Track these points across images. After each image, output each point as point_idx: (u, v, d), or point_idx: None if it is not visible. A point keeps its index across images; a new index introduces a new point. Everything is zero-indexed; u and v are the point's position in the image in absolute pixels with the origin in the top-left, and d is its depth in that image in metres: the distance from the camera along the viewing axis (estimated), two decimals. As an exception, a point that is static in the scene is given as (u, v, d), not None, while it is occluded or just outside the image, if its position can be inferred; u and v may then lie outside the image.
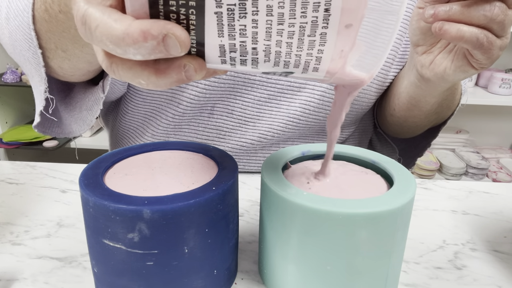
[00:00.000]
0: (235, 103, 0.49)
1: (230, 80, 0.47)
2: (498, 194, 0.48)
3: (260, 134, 0.51)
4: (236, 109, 0.50)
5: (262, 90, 0.49)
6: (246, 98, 0.49)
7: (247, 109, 0.49)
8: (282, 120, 0.50)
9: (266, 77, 0.48)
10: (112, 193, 0.26)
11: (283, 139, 0.52)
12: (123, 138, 0.57)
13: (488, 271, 0.34)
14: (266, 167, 0.30)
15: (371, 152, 0.34)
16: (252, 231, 0.39)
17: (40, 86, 0.40)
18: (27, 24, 0.35)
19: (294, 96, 0.49)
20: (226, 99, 0.49)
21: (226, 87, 0.48)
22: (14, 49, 0.39)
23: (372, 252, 0.26)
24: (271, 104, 0.49)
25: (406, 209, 0.26)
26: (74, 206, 0.43)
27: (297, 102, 0.49)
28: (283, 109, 0.50)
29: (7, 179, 0.49)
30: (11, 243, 0.36)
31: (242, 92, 0.49)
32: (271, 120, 0.50)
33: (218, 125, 0.51)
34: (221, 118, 0.50)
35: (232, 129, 0.51)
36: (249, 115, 0.50)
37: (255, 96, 0.49)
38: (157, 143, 0.35)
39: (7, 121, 1.79)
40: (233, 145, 0.51)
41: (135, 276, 0.26)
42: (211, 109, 0.49)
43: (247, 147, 0.52)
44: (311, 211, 0.25)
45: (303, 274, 0.27)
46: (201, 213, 0.26)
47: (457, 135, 1.85)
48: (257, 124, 0.50)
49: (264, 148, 0.53)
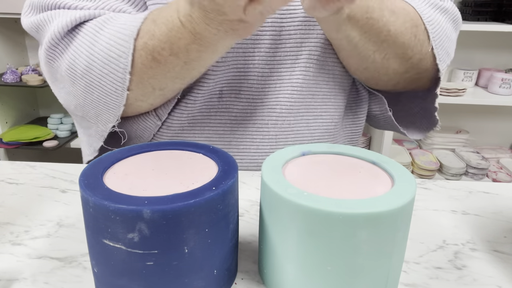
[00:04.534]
0: (241, 83, 0.52)
1: (232, 60, 0.50)
2: (498, 194, 0.48)
3: (269, 109, 0.53)
4: (243, 88, 0.52)
5: (263, 65, 0.51)
6: (250, 75, 0.51)
7: (252, 86, 0.52)
8: (287, 90, 0.53)
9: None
10: (112, 193, 0.26)
11: (293, 114, 0.54)
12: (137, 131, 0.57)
13: (488, 271, 0.34)
14: (266, 167, 0.30)
15: (371, 152, 0.34)
16: (252, 231, 0.39)
17: (106, 124, 0.48)
18: (123, 70, 0.42)
19: (294, 65, 0.52)
20: (232, 80, 0.51)
21: (230, 66, 0.50)
22: (86, 98, 0.46)
23: (372, 253, 0.26)
24: (273, 77, 0.52)
25: (406, 209, 0.26)
26: (74, 206, 0.43)
27: (297, 70, 0.52)
28: (286, 79, 0.53)
29: (7, 179, 0.49)
30: (11, 243, 0.37)
31: (245, 70, 0.51)
32: (276, 92, 0.53)
33: (228, 108, 0.53)
34: (230, 100, 0.52)
35: (242, 109, 0.53)
36: (256, 92, 0.52)
37: (257, 72, 0.51)
38: (157, 143, 0.35)
39: (7, 121, 1.79)
40: (246, 126, 0.53)
41: (135, 276, 0.26)
42: (219, 92, 0.51)
43: (262, 130, 0.54)
44: (311, 211, 0.25)
45: (303, 274, 0.27)
46: (201, 213, 0.26)
47: (457, 135, 1.85)
48: (264, 99, 0.53)
49: (279, 131, 0.54)
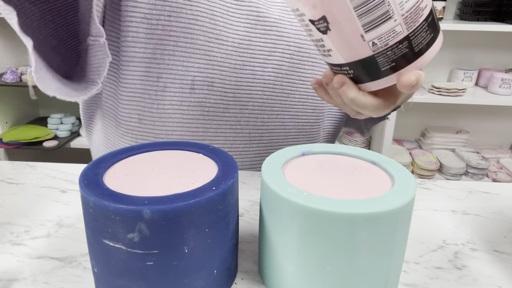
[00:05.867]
0: (214, 74, 0.50)
1: (204, 44, 0.48)
2: (498, 194, 0.48)
3: (241, 105, 0.52)
4: (215, 80, 0.50)
5: (236, 56, 0.50)
6: (223, 66, 0.50)
7: (225, 78, 0.51)
8: (259, 86, 0.52)
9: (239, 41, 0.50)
10: (112, 193, 0.26)
11: (267, 113, 0.54)
12: (109, 132, 0.56)
13: (488, 271, 0.34)
14: (266, 167, 0.30)
15: (371, 152, 0.34)
16: (252, 231, 0.39)
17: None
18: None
19: (266, 61, 0.52)
20: (204, 69, 0.49)
21: (202, 51, 0.48)
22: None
23: (372, 253, 0.26)
24: (246, 70, 0.51)
25: (406, 209, 0.26)
26: (74, 206, 0.43)
27: (269, 67, 0.52)
28: (258, 74, 0.52)
29: (7, 179, 0.49)
30: (11, 243, 0.37)
31: (218, 59, 0.50)
32: (249, 88, 0.52)
33: (201, 102, 0.51)
34: (202, 93, 0.50)
35: (215, 103, 0.51)
36: (228, 85, 0.51)
37: (230, 63, 0.50)
38: (157, 143, 0.35)
39: (7, 121, 1.79)
40: (219, 123, 0.52)
41: (135, 276, 0.26)
42: (191, 83, 0.50)
43: (235, 127, 0.53)
44: (311, 211, 0.25)
45: (303, 274, 0.27)
46: (201, 213, 0.26)
47: (457, 135, 1.85)
48: (237, 94, 0.52)
49: (253, 129, 0.54)
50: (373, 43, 0.29)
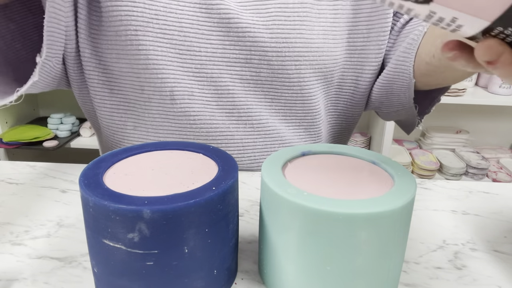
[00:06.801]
0: (192, 84, 0.50)
1: (175, 57, 0.49)
2: (498, 194, 0.48)
3: (227, 112, 0.52)
4: (195, 90, 0.50)
5: (211, 66, 0.50)
6: (200, 76, 0.50)
7: (204, 87, 0.51)
8: (241, 93, 0.52)
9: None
10: (112, 193, 0.26)
11: (255, 118, 0.53)
12: (108, 136, 0.57)
13: (488, 271, 0.34)
14: (266, 167, 0.30)
15: (371, 152, 0.34)
16: (252, 231, 0.39)
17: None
18: None
19: (244, 68, 0.51)
20: (181, 80, 0.50)
21: (174, 63, 0.49)
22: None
23: (372, 253, 0.26)
24: (224, 79, 0.51)
25: (406, 209, 0.26)
26: (74, 206, 0.43)
27: (247, 74, 0.51)
28: (237, 82, 0.51)
29: (7, 179, 0.49)
30: (11, 243, 0.37)
31: (194, 70, 0.50)
32: (231, 95, 0.51)
33: (185, 111, 0.51)
34: (184, 103, 0.51)
35: (199, 112, 0.52)
36: (209, 94, 0.51)
37: (206, 73, 0.50)
38: (157, 143, 0.35)
39: (7, 121, 1.79)
40: (209, 130, 0.52)
41: (135, 276, 0.26)
42: (170, 94, 0.50)
43: (225, 134, 0.53)
44: (311, 211, 0.25)
45: (303, 274, 0.27)
46: (201, 213, 0.26)
47: (457, 135, 1.85)
48: (220, 102, 0.52)
49: (244, 135, 0.53)
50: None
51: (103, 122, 0.55)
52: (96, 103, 0.53)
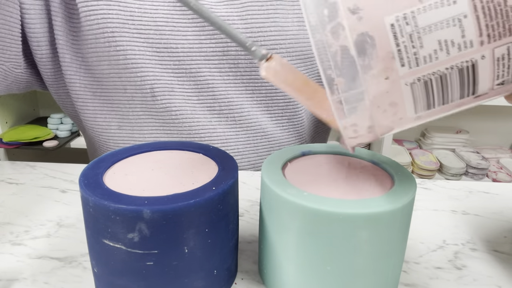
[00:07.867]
0: (171, 80, 0.51)
1: (154, 56, 0.49)
2: (498, 194, 0.48)
3: (208, 106, 0.52)
4: (175, 86, 0.51)
5: (189, 62, 0.50)
6: (178, 73, 0.51)
7: (184, 83, 0.51)
8: (221, 87, 0.52)
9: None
10: (112, 193, 0.26)
11: (237, 111, 0.53)
12: (93, 137, 0.57)
13: (488, 271, 0.34)
14: (266, 167, 0.30)
15: (371, 152, 0.34)
16: (252, 231, 0.39)
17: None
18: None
19: (222, 61, 0.51)
20: (161, 76, 0.50)
21: (152, 61, 0.49)
22: None
23: (372, 253, 0.26)
24: (203, 73, 0.51)
25: (406, 209, 0.26)
26: (74, 206, 0.43)
27: (226, 67, 0.51)
28: (216, 76, 0.52)
29: (7, 179, 0.49)
30: (11, 243, 0.37)
31: (172, 67, 0.50)
32: (211, 90, 0.52)
33: (166, 108, 0.52)
34: (165, 99, 0.51)
35: (181, 108, 0.52)
36: (189, 90, 0.51)
37: (185, 69, 0.50)
38: (157, 143, 0.35)
39: (7, 121, 1.79)
40: (191, 125, 0.53)
41: (135, 276, 0.26)
42: (151, 91, 0.51)
43: (207, 129, 0.53)
44: (311, 211, 0.25)
45: (303, 274, 0.27)
46: (201, 213, 0.26)
47: (457, 135, 1.85)
48: (200, 97, 0.52)
49: (231, 132, 0.53)
50: None
51: (87, 125, 0.56)
52: (79, 106, 0.54)
